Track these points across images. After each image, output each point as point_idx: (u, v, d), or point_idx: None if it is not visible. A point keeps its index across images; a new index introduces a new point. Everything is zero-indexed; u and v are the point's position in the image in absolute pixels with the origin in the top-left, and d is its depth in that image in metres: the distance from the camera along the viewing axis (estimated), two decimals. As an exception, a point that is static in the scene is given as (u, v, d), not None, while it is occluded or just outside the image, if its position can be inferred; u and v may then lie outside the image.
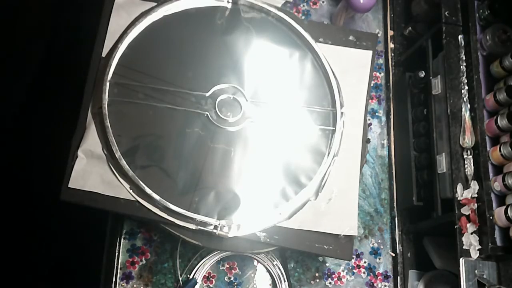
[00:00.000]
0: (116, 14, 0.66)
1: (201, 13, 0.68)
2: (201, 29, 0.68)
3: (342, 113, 0.67)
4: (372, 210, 0.76)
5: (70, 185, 0.59)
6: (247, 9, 0.69)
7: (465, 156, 0.66)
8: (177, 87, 0.64)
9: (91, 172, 0.59)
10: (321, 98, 0.67)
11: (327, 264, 0.71)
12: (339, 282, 0.71)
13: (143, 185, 0.59)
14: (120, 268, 0.66)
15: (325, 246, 0.61)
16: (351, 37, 0.71)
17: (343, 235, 0.61)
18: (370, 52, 0.70)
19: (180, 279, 0.66)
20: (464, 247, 0.62)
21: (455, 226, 0.63)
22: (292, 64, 0.68)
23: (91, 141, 0.60)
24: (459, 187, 0.64)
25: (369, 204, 0.76)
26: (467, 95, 0.68)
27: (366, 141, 0.68)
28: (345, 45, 0.70)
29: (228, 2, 0.69)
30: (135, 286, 0.66)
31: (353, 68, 0.69)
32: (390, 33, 0.84)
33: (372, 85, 0.82)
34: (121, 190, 0.59)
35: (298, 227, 0.61)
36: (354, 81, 0.68)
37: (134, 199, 0.59)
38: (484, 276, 0.61)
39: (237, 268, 0.69)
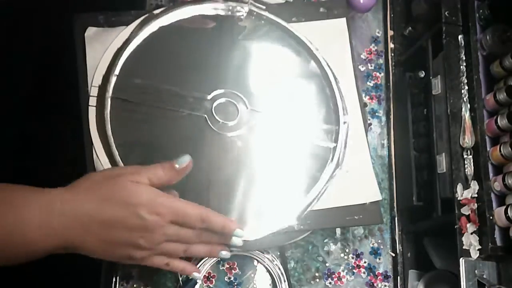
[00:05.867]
0: (90, 47, 0.65)
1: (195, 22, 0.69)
2: (195, 38, 0.68)
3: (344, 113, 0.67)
4: (372, 210, 0.76)
5: None
6: (260, 22, 0.69)
7: (465, 156, 0.66)
8: (176, 93, 0.64)
9: None
10: (323, 107, 0.68)
11: (327, 264, 0.71)
12: (339, 282, 0.71)
13: None
14: (120, 268, 0.66)
15: (355, 217, 0.63)
16: (321, 9, 0.71)
17: (369, 202, 0.62)
18: (343, 19, 0.71)
19: (180, 279, 0.66)
20: (464, 247, 0.62)
21: (455, 226, 0.63)
22: (299, 80, 0.69)
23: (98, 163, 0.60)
24: (459, 187, 0.64)
25: (369, 204, 0.76)
26: (467, 95, 0.68)
27: (363, 105, 0.69)
28: (318, 19, 0.70)
29: (227, 9, 0.69)
30: (135, 286, 0.66)
31: (332, 39, 0.69)
32: (390, 33, 0.84)
33: (372, 84, 0.82)
34: None
35: (326, 206, 0.62)
36: (337, 52, 0.69)
37: None
38: (484, 276, 0.61)
39: (237, 268, 0.69)
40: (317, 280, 0.71)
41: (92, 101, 0.62)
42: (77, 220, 0.50)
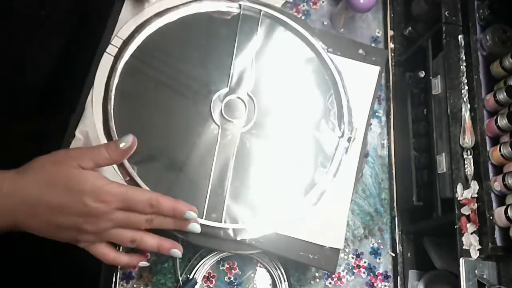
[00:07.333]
0: (130, 0, 0.66)
1: (215, 17, 0.69)
2: (215, 33, 0.69)
3: (350, 137, 0.67)
4: (372, 210, 0.76)
5: None
6: (262, 17, 0.70)
7: (465, 156, 0.66)
8: (188, 82, 0.65)
9: None
10: (328, 113, 0.68)
11: (327, 264, 0.71)
12: (339, 282, 0.71)
13: (140, 181, 0.59)
14: (120, 268, 0.66)
15: (310, 255, 0.61)
16: (360, 51, 0.71)
17: (329, 247, 0.61)
18: (377, 68, 0.70)
19: (180, 279, 0.66)
20: (464, 247, 0.62)
21: (455, 226, 0.63)
22: (304, 77, 0.69)
23: (89, 122, 0.61)
24: (459, 187, 0.64)
25: (369, 204, 0.76)
26: (467, 95, 0.68)
27: (364, 155, 0.68)
28: (354, 58, 0.70)
29: (240, 8, 0.69)
30: (135, 286, 0.66)
31: (359, 82, 0.69)
32: (390, 33, 0.84)
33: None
34: (115, 178, 0.59)
35: (285, 233, 0.61)
36: (359, 95, 0.68)
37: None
38: (484, 276, 0.61)
39: (237, 268, 0.69)
40: (317, 280, 0.71)
41: (111, 49, 0.63)
42: (25, 202, 0.51)
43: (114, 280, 0.65)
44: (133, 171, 0.59)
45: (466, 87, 0.68)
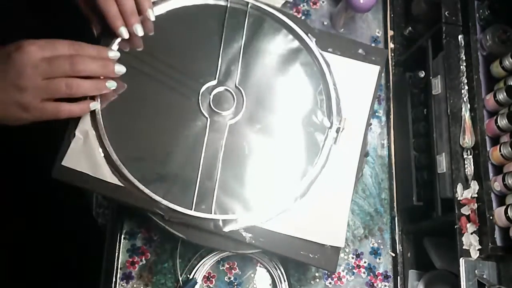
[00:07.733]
0: None
1: (202, 10, 0.69)
2: (202, 26, 0.68)
3: (338, 127, 0.66)
4: (372, 210, 0.76)
5: (63, 163, 0.58)
6: (250, 10, 0.69)
7: (465, 156, 0.66)
8: (176, 75, 0.64)
9: (86, 153, 0.60)
10: (317, 104, 0.67)
11: (327, 264, 0.71)
12: (339, 282, 0.71)
13: (132, 177, 0.59)
14: (120, 268, 0.66)
15: (310, 255, 0.61)
16: (360, 50, 0.70)
17: (329, 245, 0.61)
18: (377, 67, 0.70)
19: (180, 279, 0.66)
20: (464, 247, 0.62)
21: (455, 226, 0.63)
22: (292, 68, 0.69)
23: (88, 121, 0.61)
24: (459, 187, 0.64)
25: (369, 204, 0.76)
26: (467, 95, 0.68)
27: (364, 155, 0.68)
28: (354, 58, 0.70)
29: (227, 1, 0.69)
30: (135, 286, 0.66)
31: (359, 81, 0.69)
32: (390, 33, 0.84)
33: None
34: (111, 176, 0.59)
35: (286, 232, 0.61)
36: (359, 94, 0.68)
37: (122, 186, 0.59)
38: (484, 276, 0.61)
39: (237, 268, 0.69)
40: (317, 280, 0.71)
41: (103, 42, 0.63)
42: None
43: (114, 280, 0.65)
44: (121, 164, 0.59)
45: (466, 87, 0.68)
